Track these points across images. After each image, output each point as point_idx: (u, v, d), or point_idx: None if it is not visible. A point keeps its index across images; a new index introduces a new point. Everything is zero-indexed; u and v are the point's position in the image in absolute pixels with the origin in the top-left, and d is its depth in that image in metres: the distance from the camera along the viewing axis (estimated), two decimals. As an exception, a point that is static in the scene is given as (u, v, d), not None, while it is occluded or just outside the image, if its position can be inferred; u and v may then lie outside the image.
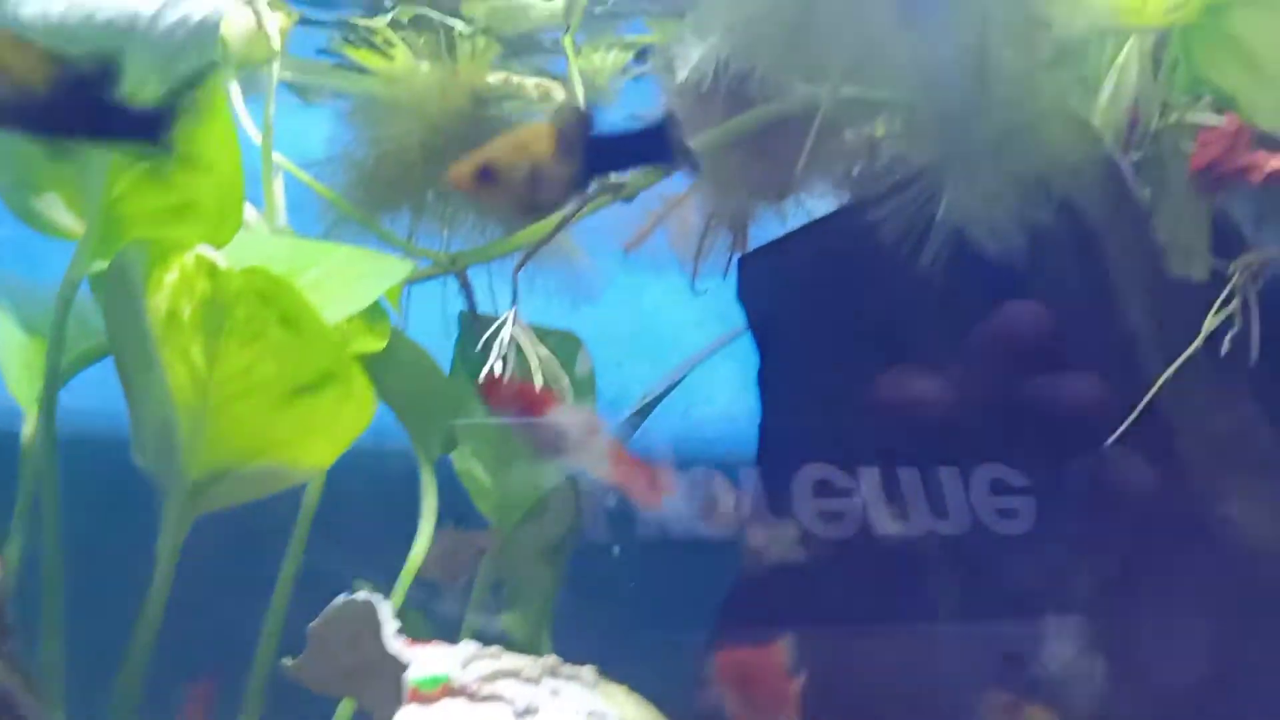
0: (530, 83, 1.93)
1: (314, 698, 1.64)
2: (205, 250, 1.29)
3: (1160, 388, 1.49)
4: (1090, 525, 1.58)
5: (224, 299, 1.31)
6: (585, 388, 2.23)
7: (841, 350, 1.85)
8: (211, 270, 1.30)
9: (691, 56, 1.47)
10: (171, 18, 1.41)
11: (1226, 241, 1.95)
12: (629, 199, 1.93)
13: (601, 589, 2.42)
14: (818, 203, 2.02)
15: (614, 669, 2.26)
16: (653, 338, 2.56)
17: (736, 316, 2.06)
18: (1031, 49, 1.30)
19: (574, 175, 1.41)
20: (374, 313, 1.88)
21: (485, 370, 1.81)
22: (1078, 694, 1.52)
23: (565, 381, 1.85)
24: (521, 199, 1.43)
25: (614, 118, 2.25)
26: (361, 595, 1.63)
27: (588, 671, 1.66)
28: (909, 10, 1.25)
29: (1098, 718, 1.47)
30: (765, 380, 1.95)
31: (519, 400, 1.39)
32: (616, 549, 2.22)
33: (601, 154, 1.46)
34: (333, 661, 1.66)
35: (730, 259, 2.08)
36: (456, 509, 2.22)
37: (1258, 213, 2.19)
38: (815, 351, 1.89)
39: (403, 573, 1.99)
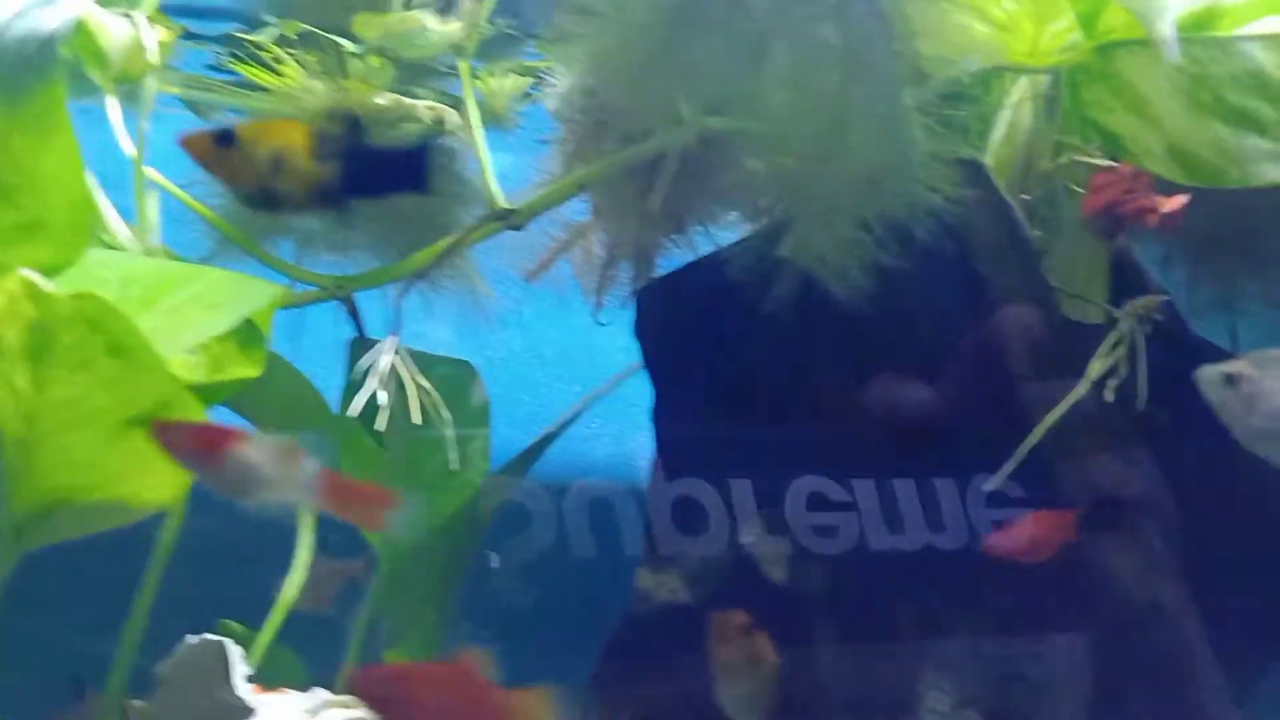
0: (421, 105, 1.87)
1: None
2: (28, 274, 1.22)
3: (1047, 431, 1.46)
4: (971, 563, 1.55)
5: (50, 324, 1.24)
6: (478, 417, 2.17)
7: (733, 386, 1.81)
8: (36, 294, 1.23)
9: (560, 87, 1.43)
10: (21, 29, 1.35)
11: (1129, 284, 1.94)
12: (518, 227, 1.88)
13: (492, 624, 2.37)
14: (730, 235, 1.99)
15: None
16: (588, 359, 2.52)
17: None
18: (894, 90, 1.26)
19: (323, 181, 1.37)
20: (249, 338, 1.82)
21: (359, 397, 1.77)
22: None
23: (446, 413, 1.79)
24: (257, 182, 1.38)
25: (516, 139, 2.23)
26: (212, 637, 1.56)
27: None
28: (765, 49, 1.21)
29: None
30: (658, 415, 1.91)
31: (195, 440, 1.32)
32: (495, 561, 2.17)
33: (358, 169, 1.41)
34: (183, 705, 1.58)
35: (631, 291, 2.04)
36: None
37: (1165, 255, 2.19)
38: (707, 387, 1.85)
39: (274, 609, 1.93)
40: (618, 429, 2.31)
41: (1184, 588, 1.44)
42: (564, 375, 2.49)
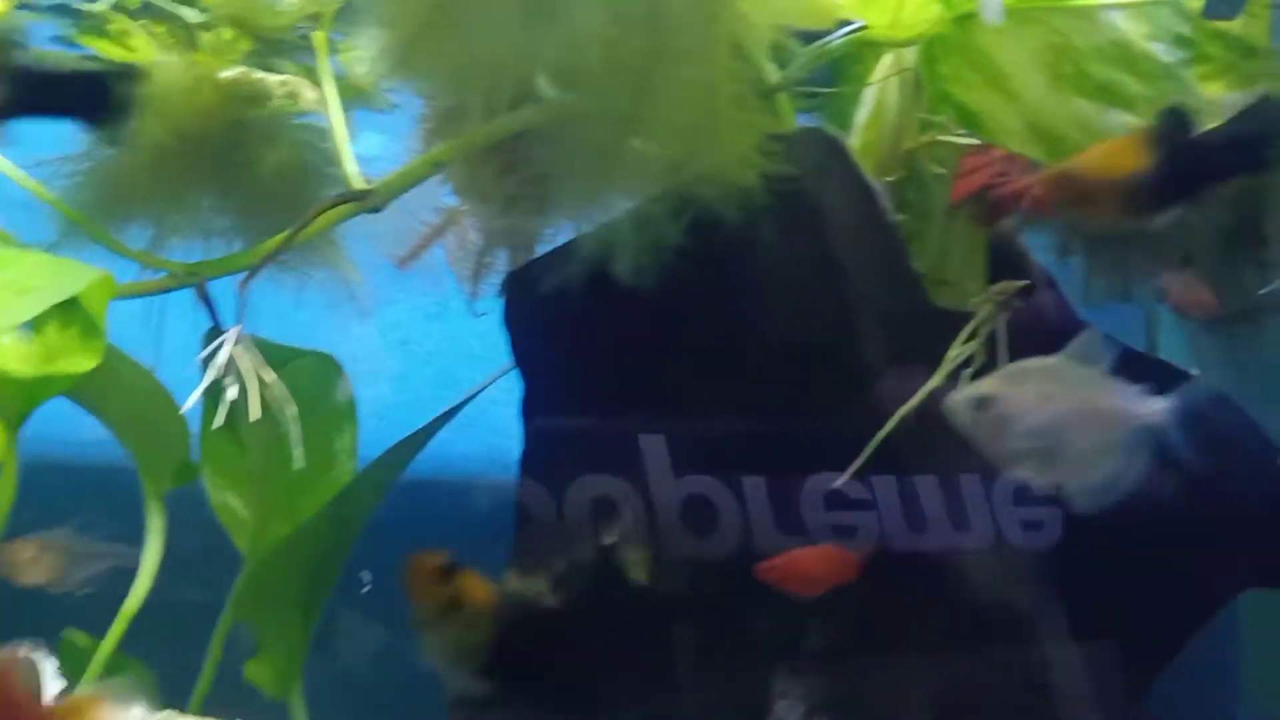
0: (273, 80, 1.77)
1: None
2: None
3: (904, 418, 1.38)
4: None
5: None
6: (343, 414, 2.07)
7: (601, 378, 1.73)
8: None
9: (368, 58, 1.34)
10: None
11: (1011, 272, 1.88)
12: (376, 209, 1.79)
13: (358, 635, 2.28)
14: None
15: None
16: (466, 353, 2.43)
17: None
18: (709, 60, 1.18)
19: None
20: (87, 330, 1.71)
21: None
22: None
23: (292, 409, 1.70)
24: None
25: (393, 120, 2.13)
26: (22, 650, 1.46)
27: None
28: (556, 11, 1.12)
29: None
30: (526, 410, 1.82)
31: None
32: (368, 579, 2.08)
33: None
34: (-12, 722, 1.49)
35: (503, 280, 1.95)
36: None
37: (1062, 243, 2.13)
38: (575, 380, 1.76)
39: (118, 617, 1.83)
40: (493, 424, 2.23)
41: (1047, 595, 1.38)
42: (441, 369, 2.41)
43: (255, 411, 1.59)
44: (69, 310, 1.72)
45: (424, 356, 2.44)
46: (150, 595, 1.96)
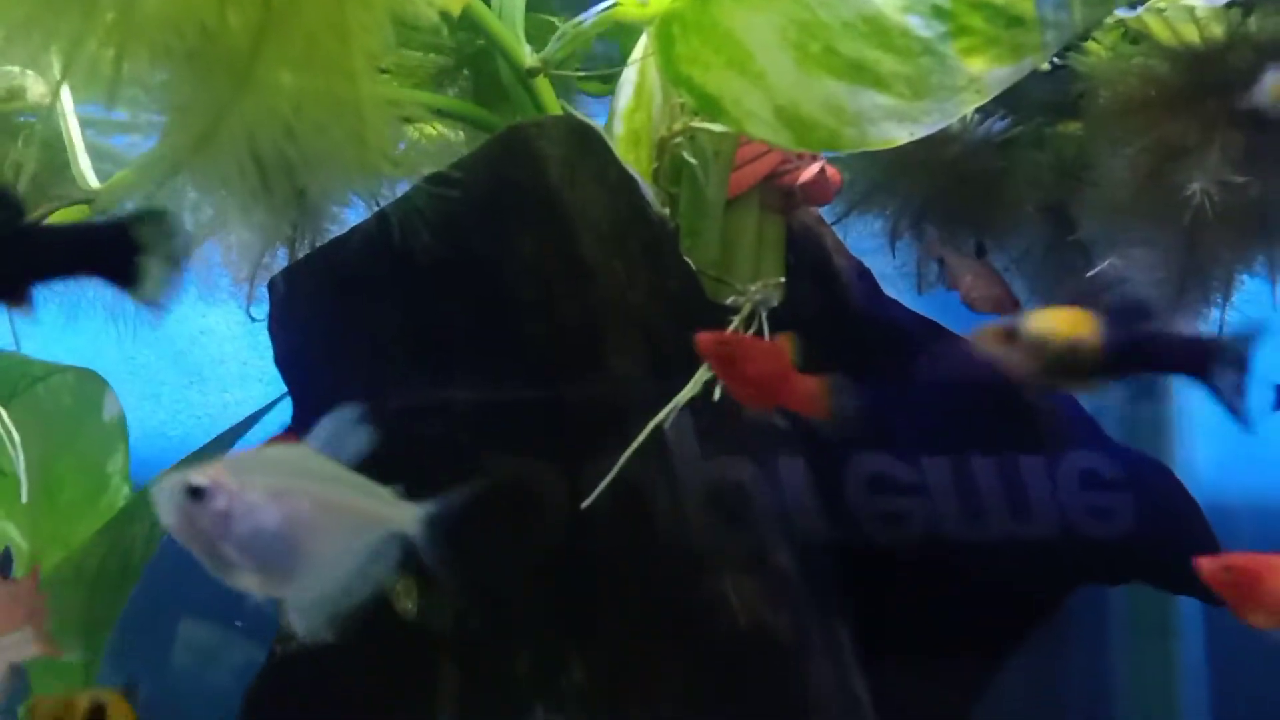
0: (-2, 74, 1.61)
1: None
2: None
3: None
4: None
5: None
6: (113, 434, 1.93)
7: (363, 385, 1.60)
8: None
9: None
10: None
11: (811, 262, 1.77)
12: (105, 211, 1.63)
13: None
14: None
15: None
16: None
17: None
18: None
19: None
20: None
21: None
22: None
23: (15, 439, 1.56)
24: None
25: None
26: None
27: None
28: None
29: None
30: (295, 423, 1.69)
31: None
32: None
33: None
34: None
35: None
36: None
37: (891, 227, 2.03)
38: (340, 387, 1.63)
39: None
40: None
41: (811, 615, 1.28)
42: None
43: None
44: None
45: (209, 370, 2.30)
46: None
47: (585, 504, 1.22)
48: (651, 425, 1.22)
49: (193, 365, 2.26)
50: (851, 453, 1.67)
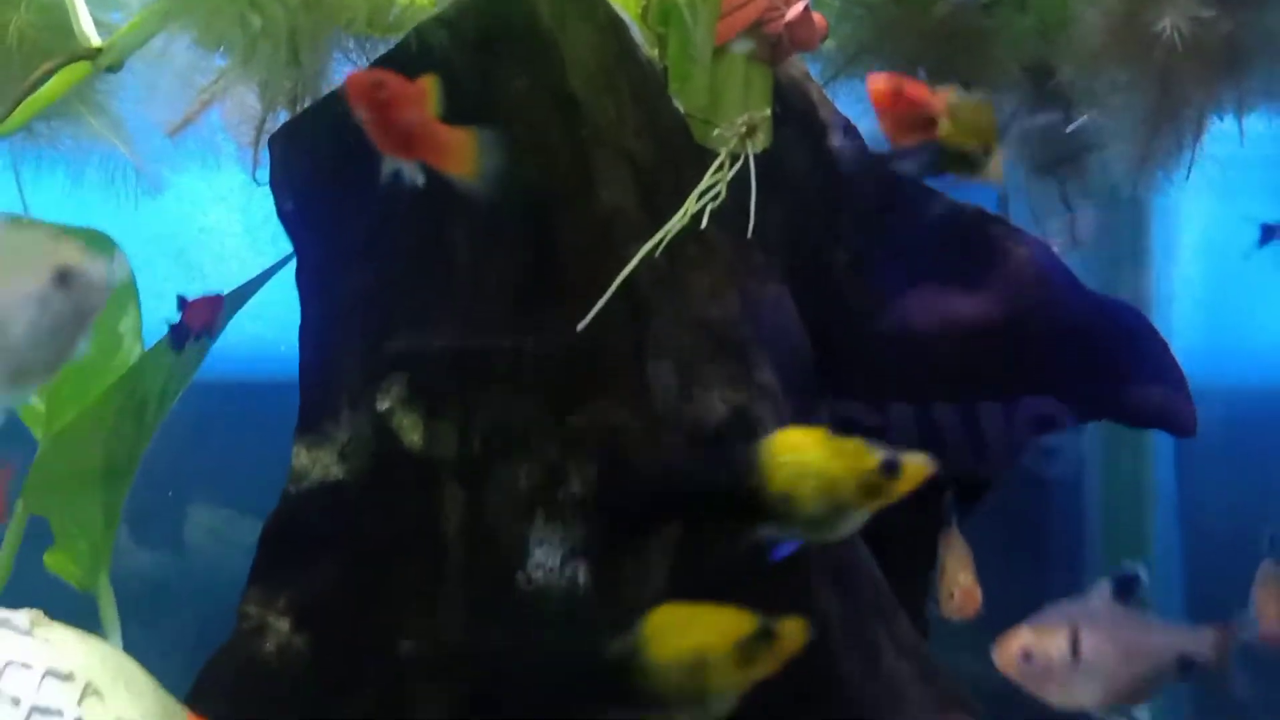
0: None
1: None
2: None
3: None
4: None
5: None
6: (123, 295, 1.99)
7: (373, 238, 1.65)
8: None
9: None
10: None
11: (801, 112, 1.81)
12: (114, 68, 1.67)
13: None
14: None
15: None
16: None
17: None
18: None
19: None
20: None
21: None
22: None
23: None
24: None
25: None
26: None
27: (21, 616, 1.45)
28: None
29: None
30: (300, 276, 1.75)
31: None
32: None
33: None
34: None
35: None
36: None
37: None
38: (346, 242, 1.68)
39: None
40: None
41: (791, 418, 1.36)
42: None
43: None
44: None
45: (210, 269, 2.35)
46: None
47: (580, 326, 1.29)
48: (639, 256, 1.29)
49: (194, 263, 2.31)
50: (837, 296, 1.75)
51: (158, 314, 2.03)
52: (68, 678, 1.34)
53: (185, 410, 2.07)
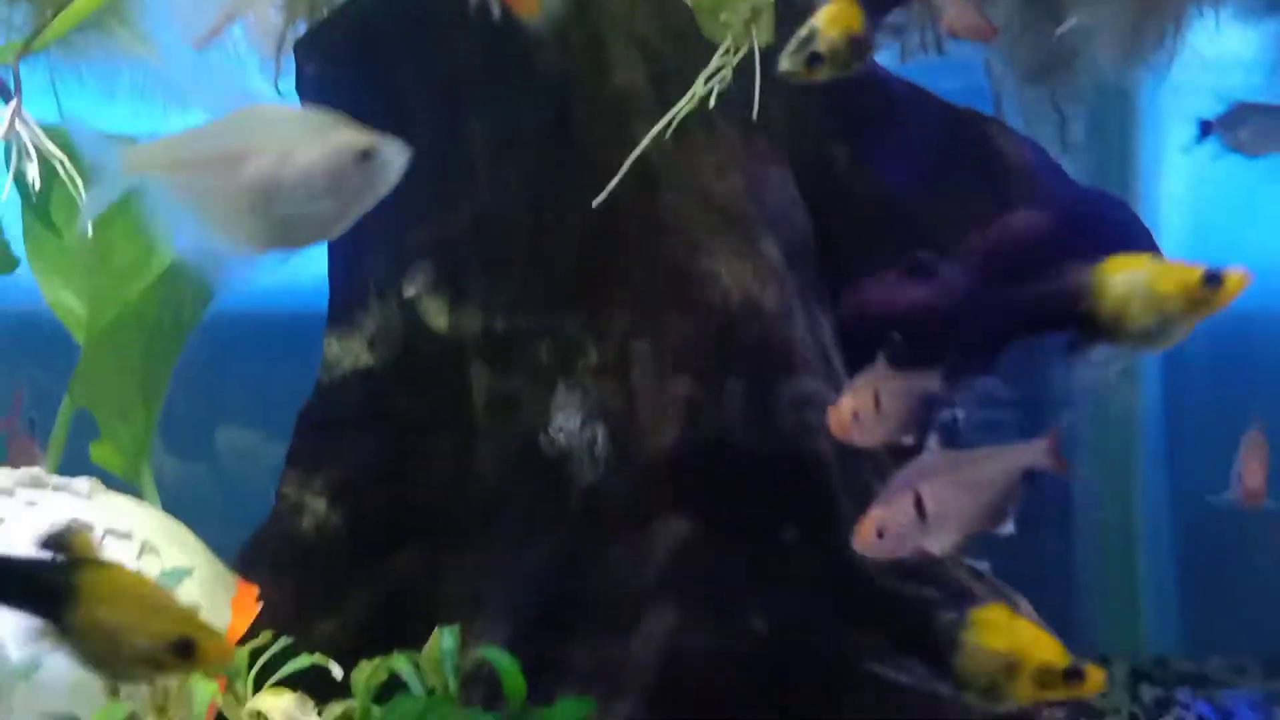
0: None
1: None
2: None
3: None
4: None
5: None
6: (159, 198, 2.08)
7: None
8: None
9: None
10: None
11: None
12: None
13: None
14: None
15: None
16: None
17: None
18: None
19: None
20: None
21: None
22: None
23: (81, 186, 1.70)
24: None
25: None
26: None
27: (82, 482, 1.57)
28: None
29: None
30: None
31: None
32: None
33: None
34: None
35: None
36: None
37: None
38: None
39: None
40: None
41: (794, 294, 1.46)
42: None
43: (34, 175, 1.59)
44: None
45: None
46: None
47: (598, 201, 1.38)
48: (649, 137, 1.37)
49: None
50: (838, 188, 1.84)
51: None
52: (126, 536, 1.45)
53: (216, 339, 2.19)
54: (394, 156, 1.14)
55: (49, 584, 0.91)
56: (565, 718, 1.22)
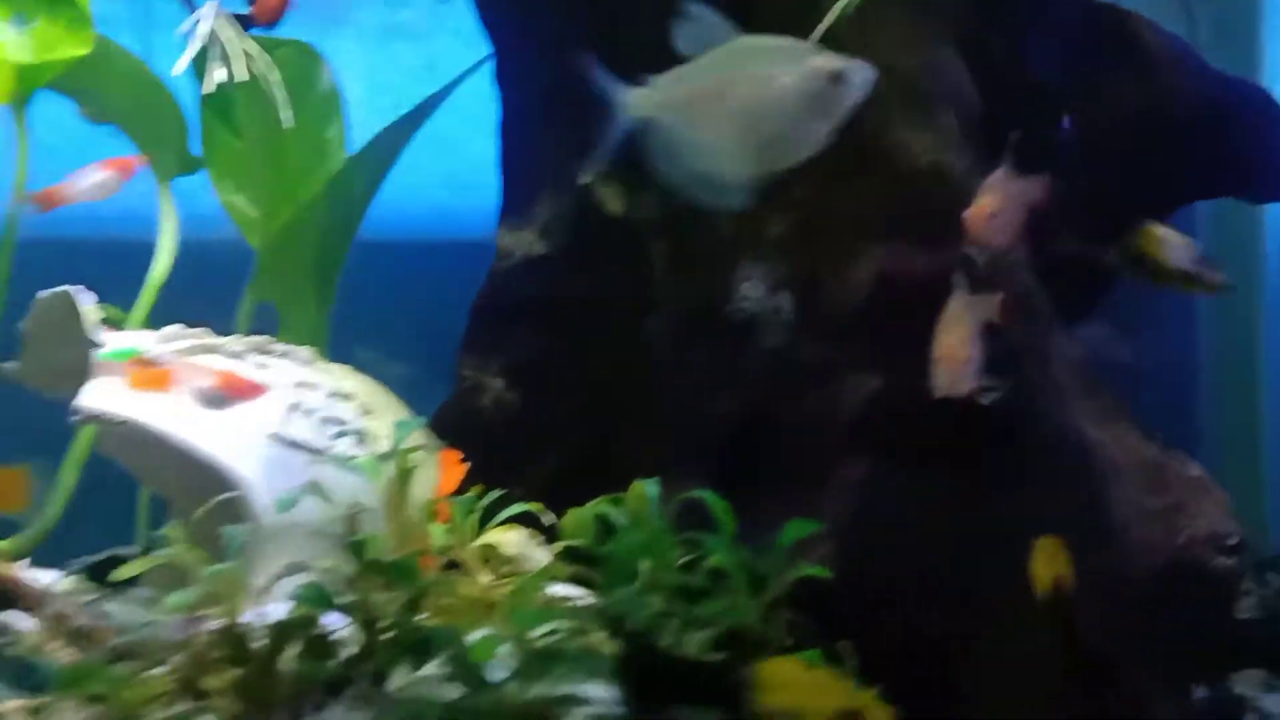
0: None
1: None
2: None
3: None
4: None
5: None
6: (330, 104, 2.18)
7: (565, 32, 1.81)
8: None
9: None
10: None
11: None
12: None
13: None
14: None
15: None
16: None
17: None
18: None
19: None
20: (75, 19, 1.80)
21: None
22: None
23: (277, 76, 1.79)
24: None
25: None
26: (62, 288, 1.62)
27: (304, 350, 1.68)
28: None
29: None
30: (500, 74, 1.92)
31: None
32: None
33: None
34: (46, 358, 1.66)
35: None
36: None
37: None
38: (546, 34, 1.85)
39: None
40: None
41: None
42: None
43: (241, 73, 1.69)
44: (56, 3, 1.81)
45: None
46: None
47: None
48: (833, 12, 1.43)
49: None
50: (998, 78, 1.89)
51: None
52: (348, 397, 1.56)
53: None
54: (862, 76, 1.27)
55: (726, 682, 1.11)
56: (793, 536, 1.32)
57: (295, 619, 1.17)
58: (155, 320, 1.90)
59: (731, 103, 1.28)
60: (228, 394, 1.40)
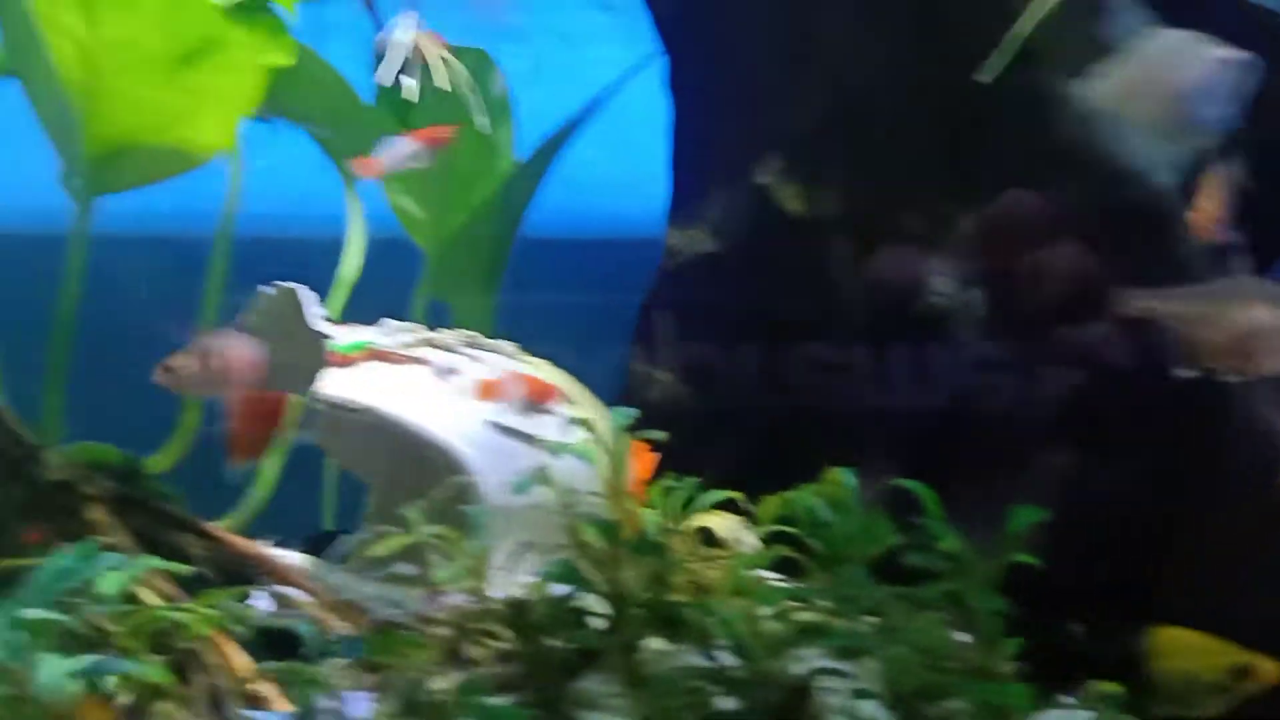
0: None
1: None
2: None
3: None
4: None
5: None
6: (501, 108, 2.25)
7: (738, 39, 1.87)
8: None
9: None
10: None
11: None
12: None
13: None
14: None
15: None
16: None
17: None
18: None
19: None
20: (276, 28, 1.89)
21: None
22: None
23: (476, 96, 1.86)
24: None
25: None
26: (283, 284, 1.70)
27: (507, 344, 1.76)
28: None
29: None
30: (672, 77, 1.98)
31: None
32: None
33: None
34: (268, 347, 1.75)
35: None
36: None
37: None
38: (723, 46, 1.90)
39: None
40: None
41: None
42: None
43: (443, 82, 1.76)
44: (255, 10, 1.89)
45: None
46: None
47: (985, 75, 1.51)
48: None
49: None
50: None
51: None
52: (549, 389, 1.64)
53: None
54: (1255, 67, 1.38)
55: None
56: (1021, 522, 1.35)
57: (553, 595, 1.24)
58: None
59: (1163, 90, 1.42)
60: (536, 400, 1.50)
